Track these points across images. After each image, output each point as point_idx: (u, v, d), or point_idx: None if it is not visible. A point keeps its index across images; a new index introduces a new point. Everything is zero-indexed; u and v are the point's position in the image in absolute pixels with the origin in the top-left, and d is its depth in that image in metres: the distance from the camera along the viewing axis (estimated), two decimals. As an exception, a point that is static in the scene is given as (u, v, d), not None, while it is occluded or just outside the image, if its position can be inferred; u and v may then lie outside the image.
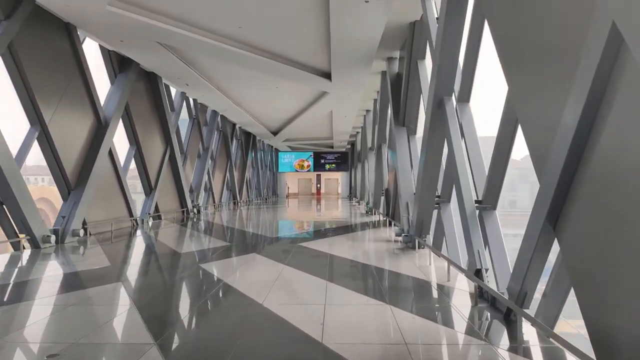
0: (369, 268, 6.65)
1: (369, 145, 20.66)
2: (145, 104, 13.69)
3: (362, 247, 8.72)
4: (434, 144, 7.19)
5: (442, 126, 6.80)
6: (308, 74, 13.23)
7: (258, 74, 13.87)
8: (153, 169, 14.13)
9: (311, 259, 7.42)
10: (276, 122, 24.21)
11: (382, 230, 11.92)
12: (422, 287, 5.46)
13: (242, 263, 6.99)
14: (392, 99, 11.75)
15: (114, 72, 11.85)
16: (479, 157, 6.26)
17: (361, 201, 25.92)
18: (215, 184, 21.61)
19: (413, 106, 10.80)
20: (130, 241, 10.02)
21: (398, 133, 11.00)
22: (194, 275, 6.11)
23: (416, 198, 8.24)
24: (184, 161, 17.23)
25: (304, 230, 11.94)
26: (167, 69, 12.95)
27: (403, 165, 10.46)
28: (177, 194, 16.24)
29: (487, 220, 5.53)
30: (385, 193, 14.58)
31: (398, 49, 11.84)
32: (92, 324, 3.91)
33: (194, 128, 18.32)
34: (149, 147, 13.83)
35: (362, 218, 16.03)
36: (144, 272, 6.45)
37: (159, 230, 12.21)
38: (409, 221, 9.33)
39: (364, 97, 17.63)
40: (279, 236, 10.76)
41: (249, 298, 4.81)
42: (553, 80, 3.38)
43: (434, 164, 7.42)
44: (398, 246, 8.75)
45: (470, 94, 6.80)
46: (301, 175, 43.81)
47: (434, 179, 7.59)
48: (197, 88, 15.15)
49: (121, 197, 12.08)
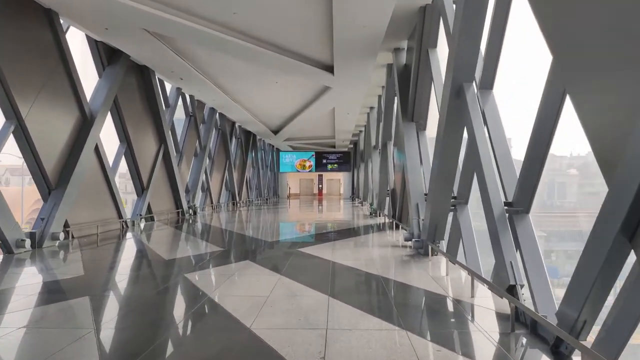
0: (377, 279, 5.81)
1: (373, 144, 19.81)
2: (137, 99, 12.91)
3: (368, 253, 7.87)
4: (451, 138, 6.34)
5: (460, 117, 5.96)
6: (309, 66, 12.41)
7: (256, 67, 13.06)
8: (145, 168, 13.34)
9: (311, 268, 6.59)
10: (276, 120, 23.40)
11: (389, 233, 11.07)
12: (443, 306, 4.61)
13: (233, 273, 6.16)
14: (400, 92, 10.91)
15: (102, 64, 11.06)
16: (507, 152, 5.41)
17: (364, 202, 25.07)
18: (213, 184, 20.82)
19: (423, 100, 9.96)
20: (116, 245, 9.22)
21: (406, 129, 10.15)
22: (175, 289, 5.29)
23: (429, 199, 7.40)
24: (179, 160, 16.43)
25: (304, 233, 11.12)
26: (159, 61, 12.15)
27: (412, 164, 9.62)
28: (172, 194, 15.44)
29: (520, 226, 4.69)
30: (390, 194, 13.73)
31: (406, 38, 11.01)
32: (35, 357, 3.09)
33: (191, 126, 17.53)
34: (141, 145, 13.04)
35: (366, 220, 15.19)
36: (119, 284, 5.63)
37: (149, 233, 11.41)
38: (420, 224, 8.49)
39: (367, 93, 16.81)
40: (277, 240, 9.93)
41: (235, 319, 3.98)
42: (627, 72, 2.57)
43: (450, 161, 6.57)
44: (408, 252, 7.90)
45: (494, 80, 5.96)
46: (303, 175, 42.99)
47: (449, 178, 6.74)
48: (193, 83, 14.35)
49: (109, 197, 11.29)
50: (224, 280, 5.74)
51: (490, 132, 5.58)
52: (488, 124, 5.65)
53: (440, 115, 6.57)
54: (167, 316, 4.23)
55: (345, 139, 31.65)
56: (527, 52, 10.29)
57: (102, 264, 7.07)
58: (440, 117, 6.60)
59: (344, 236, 10.56)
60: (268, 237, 10.56)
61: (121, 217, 11.69)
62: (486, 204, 4.90)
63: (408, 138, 9.99)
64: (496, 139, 5.49)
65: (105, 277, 6.06)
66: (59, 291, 5.11)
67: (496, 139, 5.49)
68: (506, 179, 5.13)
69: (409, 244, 8.73)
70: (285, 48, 11.43)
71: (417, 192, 9.15)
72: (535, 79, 4.48)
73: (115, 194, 11.38)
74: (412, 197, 9.10)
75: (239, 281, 5.65)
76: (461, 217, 7.02)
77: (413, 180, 9.36)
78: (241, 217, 17.34)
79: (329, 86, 15.17)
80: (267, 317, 4.06)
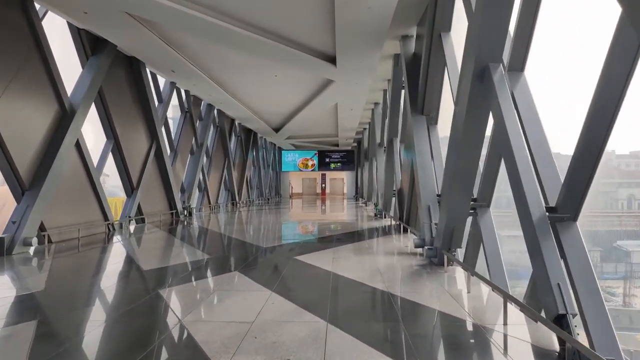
0: (385, 297, 4.89)
1: (378, 141, 18.87)
2: (125, 93, 12.06)
3: (374, 263, 6.95)
4: (472, 130, 5.40)
5: (484, 104, 5.02)
6: (310, 57, 11.50)
7: (253, 59, 12.18)
8: (135, 167, 12.50)
9: (308, 282, 5.69)
10: (277, 117, 22.52)
11: (396, 238, 10.14)
12: (469, 336, 3.69)
13: (216, 288, 5.28)
14: (409, 84, 9.97)
15: (85, 54, 10.22)
16: (544, 145, 4.47)
17: (368, 202, 24.14)
18: (211, 184, 19.98)
19: (434, 91, 9.03)
20: (96, 252, 8.37)
21: (416, 123, 9.21)
22: (142, 312, 4.40)
23: (443, 201, 6.46)
24: (173, 158, 15.61)
25: (304, 237, 10.23)
26: (147, 51, 11.29)
27: (422, 161, 8.68)
28: (165, 194, 14.60)
29: (565, 237, 3.75)
30: (397, 194, 12.80)
31: (415, 24, 10.06)
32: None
33: (186, 122, 16.68)
34: (131, 142, 12.20)
35: (370, 222, 14.26)
36: (77, 303, 4.75)
37: (136, 237, 10.57)
38: (432, 229, 7.56)
39: (372, 87, 15.88)
40: (274, 245, 9.03)
41: (204, 358, 3.09)
42: None
43: (470, 157, 5.63)
44: (419, 261, 6.97)
45: (525, 60, 5.02)
46: (305, 174, 42.15)
47: (469, 177, 5.80)
48: (186, 76, 13.49)
49: (93, 197, 10.45)
50: (204, 298, 4.85)
51: (523, 121, 4.64)
52: (520, 112, 4.71)
53: (459, 104, 5.63)
54: (122, 351, 3.33)
55: (349, 137, 30.72)
56: (568, 25, 9.04)
57: (68, 276, 6.21)
58: (458, 107, 5.67)
59: (347, 241, 9.65)
60: (264, 241, 9.67)
61: (107, 219, 10.85)
62: (522, 208, 3.97)
63: (418, 133, 9.05)
64: (531, 130, 4.56)
65: (64, 294, 5.18)
66: (1, 316, 4.24)
67: (531, 130, 4.56)
68: (547, 178, 4.19)
69: (420, 251, 7.81)
70: (284, 36, 10.53)
71: (429, 192, 8.22)
72: (578, 58, 3.57)
73: (100, 194, 10.53)
74: (422, 198, 8.17)
75: (221, 300, 4.76)
76: (482, 223, 6.09)
77: (423, 180, 8.42)
78: (239, 218, 16.48)
79: (331, 79, 14.26)
80: (247, 355, 3.16)
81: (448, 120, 9.87)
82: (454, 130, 5.86)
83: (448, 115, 9.85)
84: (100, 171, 10.95)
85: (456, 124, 5.73)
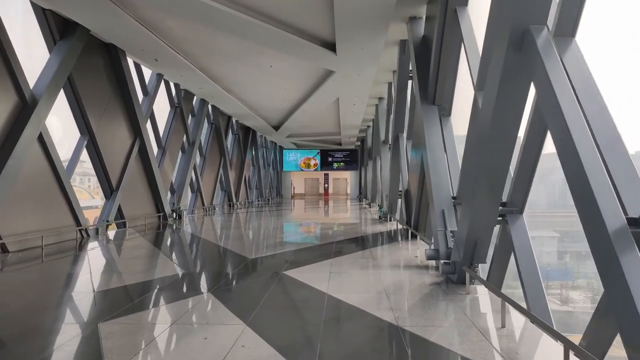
0: (393, 335, 3.70)
1: (382, 139, 17.65)
2: (103, 84, 10.94)
3: (379, 280, 5.75)
4: (505, 115, 4.18)
5: (523, 79, 3.82)
6: (307, 42, 10.33)
7: (245, 46, 11.03)
8: (115, 165, 11.38)
9: (296, 310, 4.52)
10: (276, 113, 21.36)
11: (403, 245, 8.94)
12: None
13: (175, 318, 4.10)
14: (417, 71, 8.76)
15: (52, 38, 9.11)
16: (613, 133, 3.25)
17: (372, 203, 22.93)
18: (205, 184, 18.86)
19: (447, 78, 7.82)
20: (55, 264, 7.24)
21: (427, 114, 8.01)
22: (67, 357, 3.24)
23: (465, 207, 5.26)
24: (162, 156, 14.48)
25: (300, 245, 9.05)
26: (124, 36, 10.14)
27: (434, 158, 7.47)
28: (151, 195, 13.48)
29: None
30: (404, 195, 11.59)
31: (424, 2, 8.84)
32: None
33: (177, 118, 15.55)
34: (109, 138, 11.08)
35: (374, 226, 13.05)
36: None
37: (109, 244, 9.45)
38: (447, 238, 6.35)
39: (376, 80, 14.68)
40: (263, 256, 7.85)
41: None
42: None
43: (501, 152, 4.41)
44: (433, 278, 5.77)
45: (577, 23, 3.81)
46: (308, 174, 41.00)
47: (498, 177, 4.59)
48: (172, 66, 12.34)
49: (63, 200, 9.33)
50: (156, 334, 3.68)
51: (582, 103, 3.43)
52: (575, 90, 3.50)
53: (488, 84, 4.42)
54: None
55: (352, 135, 29.50)
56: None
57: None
58: (488, 88, 4.46)
59: (348, 249, 8.46)
60: (252, 250, 8.50)
61: (79, 224, 9.72)
62: (591, 216, 2.77)
63: (428, 125, 7.84)
64: (592, 114, 3.34)
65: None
66: None
67: (592, 114, 3.34)
68: (623, 179, 2.98)
69: (433, 263, 6.61)
70: (277, 18, 9.37)
71: (442, 194, 7.00)
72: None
73: (71, 196, 9.41)
74: (435, 201, 6.95)
75: (175, 341, 3.58)
76: (515, 232, 4.88)
77: (436, 180, 7.21)
78: (232, 222, 15.33)
79: (331, 70, 13.07)
80: None
81: (461, 113, 8.70)
82: (479, 119, 4.65)
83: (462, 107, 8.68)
84: (71, 170, 9.83)
85: (484, 111, 4.51)
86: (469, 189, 6.88)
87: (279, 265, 6.67)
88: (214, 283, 5.56)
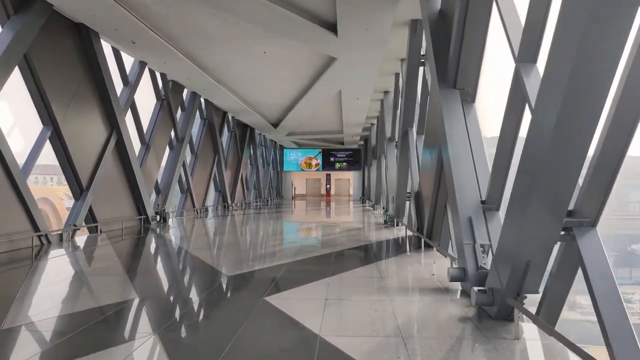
0: None
1: (388, 136, 16.24)
2: (72, 69, 9.60)
3: (390, 314, 4.33)
4: (587, 84, 2.76)
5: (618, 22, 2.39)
6: (304, 20, 8.97)
7: (233, 28, 9.69)
8: (86, 162, 10.03)
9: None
10: (274, 109, 19.99)
11: (415, 258, 7.52)
12: None
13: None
14: (434, 50, 7.32)
15: (6, 12, 7.78)
16: None
17: (376, 205, 21.49)
18: (197, 184, 17.49)
19: (472, 55, 6.40)
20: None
21: (446, 100, 6.58)
22: None
23: (511, 216, 3.84)
24: (145, 153, 13.13)
25: (293, 256, 7.63)
26: (91, 11, 8.74)
27: (457, 152, 6.04)
28: (132, 196, 12.12)
29: None
30: (414, 198, 10.14)
31: (443, -32, 7.44)
32: None
33: (163, 112, 14.20)
34: (78, 130, 9.73)
35: (380, 232, 11.63)
36: None
37: (71, 254, 8.09)
38: (477, 254, 4.94)
39: (382, 70, 13.30)
40: (244, 272, 6.42)
41: None
42: None
43: (576, 140, 2.99)
44: (461, 308, 4.35)
45: None
46: (309, 174, 39.62)
47: (567, 176, 3.17)
48: (152, 50, 10.97)
49: (15, 200, 7.97)
50: None
51: None
52: None
53: (559, 45, 2.99)
54: None
55: (355, 133, 28.08)
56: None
57: None
58: (558, 54, 3.03)
59: (349, 262, 7.06)
60: (234, 264, 7.09)
61: (37, 229, 8.36)
62: None
63: (449, 114, 6.41)
64: None
65: None
66: None
67: None
68: None
69: (458, 286, 5.20)
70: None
71: (469, 198, 5.58)
72: None
73: (26, 196, 8.05)
74: (459, 206, 5.52)
75: None
76: (586, 251, 3.44)
77: (460, 179, 5.78)
78: (222, 226, 13.95)
79: (332, 57, 11.69)
80: None
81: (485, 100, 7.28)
82: (543, 97, 3.24)
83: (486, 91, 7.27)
84: (30, 166, 8.48)
85: (550, 85, 3.08)
86: (500, 191, 5.49)
87: (262, 287, 5.26)
88: (166, 318, 4.15)
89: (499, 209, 5.57)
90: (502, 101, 5.17)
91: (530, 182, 3.37)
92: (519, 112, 4.86)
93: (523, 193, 3.55)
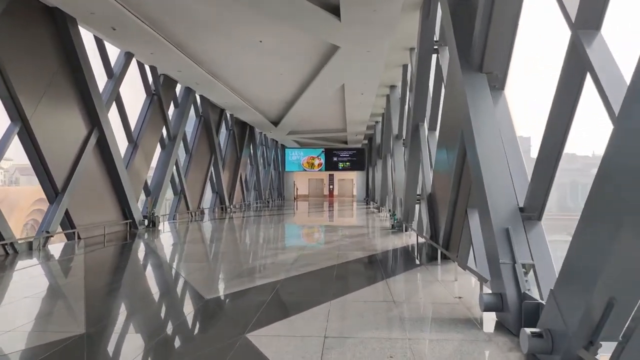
0: None
1: (395, 134, 15.17)
2: (45, 60, 8.62)
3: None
4: None
5: None
6: (303, 1, 7.92)
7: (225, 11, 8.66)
8: (61, 162, 9.05)
9: None
10: (273, 105, 18.97)
11: (432, 273, 6.43)
12: None
13: None
14: (455, 30, 6.24)
15: (-38, -9, 6.82)
16: None
17: (382, 207, 20.40)
18: (192, 185, 16.49)
19: (503, 33, 5.33)
20: None
21: (471, 86, 5.51)
22: None
23: (583, 224, 2.77)
24: (132, 152, 12.15)
25: (287, 271, 6.54)
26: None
27: (486, 148, 4.96)
28: (116, 199, 11.13)
29: None
30: (427, 202, 9.05)
31: None
32: None
33: (154, 108, 13.21)
34: (52, 127, 8.75)
35: (387, 238, 10.56)
36: None
37: (36, 267, 7.09)
38: (519, 277, 3.87)
39: (388, 62, 12.26)
40: (227, 294, 5.36)
41: None
42: None
43: None
44: (504, 353, 3.28)
45: None
46: (311, 175, 38.61)
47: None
48: (136, 38, 9.92)
49: (-27, 207, 7.00)
50: None
51: None
52: None
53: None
54: None
55: (359, 132, 27.00)
56: None
57: None
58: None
59: (354, 281, 6.01)
60: (217, 282, 6.04)
61: (1, 237, 7.37)
62: None
63: (475, 102, 5.34)
64: None
65: None
66: None
67: None
68: None
69: (493, 317, 4.12)
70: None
71: (504, 204, 4.50)
72: None
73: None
74: (492, 214, 4.44)
75: None
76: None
77: (491, 181, 4.70)
78: (215, 231, 12.94)
79: (335, 45, 10.63)
80: None
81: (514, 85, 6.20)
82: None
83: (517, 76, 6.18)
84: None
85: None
86: (545, 195, 4.42)
87: (245, 316, 4.20)
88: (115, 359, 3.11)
89: (540, 217, 4.50)
90: (531, 89, 4.10)
91: (630, 182, 2.30)
92: (574, 94, 3.79)
93: (607, 201, 2.49)
